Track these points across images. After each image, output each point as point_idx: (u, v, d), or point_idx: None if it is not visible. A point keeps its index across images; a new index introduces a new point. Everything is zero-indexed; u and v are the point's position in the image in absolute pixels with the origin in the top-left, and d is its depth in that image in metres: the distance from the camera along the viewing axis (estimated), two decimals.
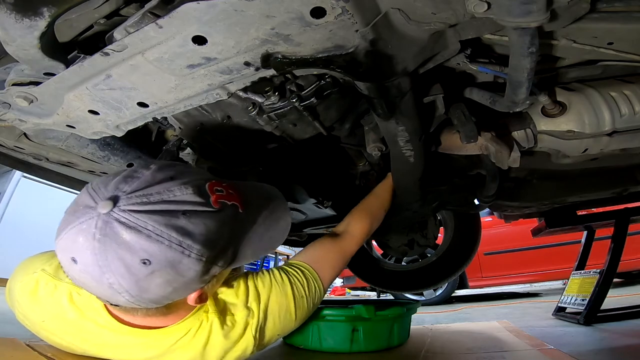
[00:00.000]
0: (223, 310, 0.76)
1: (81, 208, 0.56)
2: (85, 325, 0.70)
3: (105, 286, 0.55)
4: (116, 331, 0.70)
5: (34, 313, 0.73)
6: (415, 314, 1.64)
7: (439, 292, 3.93)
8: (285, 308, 0.82)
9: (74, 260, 0.55)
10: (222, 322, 0.74)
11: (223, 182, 0.67)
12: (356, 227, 1.09)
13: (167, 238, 0.54)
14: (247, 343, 0.76)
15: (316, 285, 0.89)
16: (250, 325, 0.76)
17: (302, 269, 0.89)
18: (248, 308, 0.77)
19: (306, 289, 0.86)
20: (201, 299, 0.67)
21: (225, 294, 0.78)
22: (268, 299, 0.80)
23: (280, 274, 0.85)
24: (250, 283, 0.81)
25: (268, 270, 0.87)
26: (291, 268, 0.89)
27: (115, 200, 0.55)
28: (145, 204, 0.55)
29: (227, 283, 0.80)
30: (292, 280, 0.85)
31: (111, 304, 0.64)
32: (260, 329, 0.78)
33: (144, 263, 0.54)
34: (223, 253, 0.63)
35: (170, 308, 0.67)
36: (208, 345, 0.73)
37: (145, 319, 0.70)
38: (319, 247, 1.01)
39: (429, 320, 2.57)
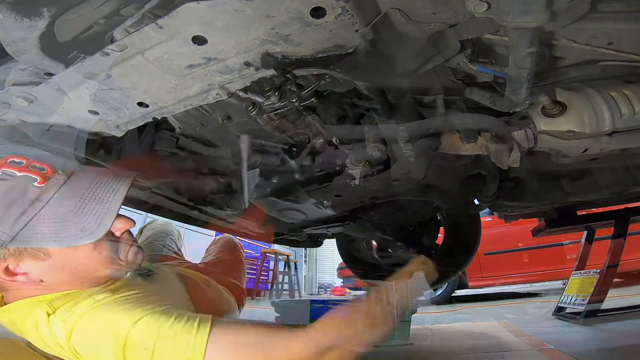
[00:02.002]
0: (58, 309, 0.67)
1: None
2: None
3: None
4: None
5: None
6: (415, 314, 1.64)
7: (439, 292, 3.93)
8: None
9: None
10: (46, 317, 0.66)
11: (34, 157, 0.64)
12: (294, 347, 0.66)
13: None
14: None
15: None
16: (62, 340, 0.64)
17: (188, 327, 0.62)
18: (65, 328, 0.64)
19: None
20: (14, 275, 0.65)
21: (63, 297, 0.68)
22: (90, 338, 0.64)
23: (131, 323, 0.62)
24: (76, 319, 0.64)
25: (131, 302, 0.66)
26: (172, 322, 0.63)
27: None
28: None
29: (84, 292, 0.69)
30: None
31: None
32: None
33: None
34: None
35: None
36: (39, 337, 0.66)
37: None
38: (246, 332, 0.67)
39: (429, 320, 2.57)
